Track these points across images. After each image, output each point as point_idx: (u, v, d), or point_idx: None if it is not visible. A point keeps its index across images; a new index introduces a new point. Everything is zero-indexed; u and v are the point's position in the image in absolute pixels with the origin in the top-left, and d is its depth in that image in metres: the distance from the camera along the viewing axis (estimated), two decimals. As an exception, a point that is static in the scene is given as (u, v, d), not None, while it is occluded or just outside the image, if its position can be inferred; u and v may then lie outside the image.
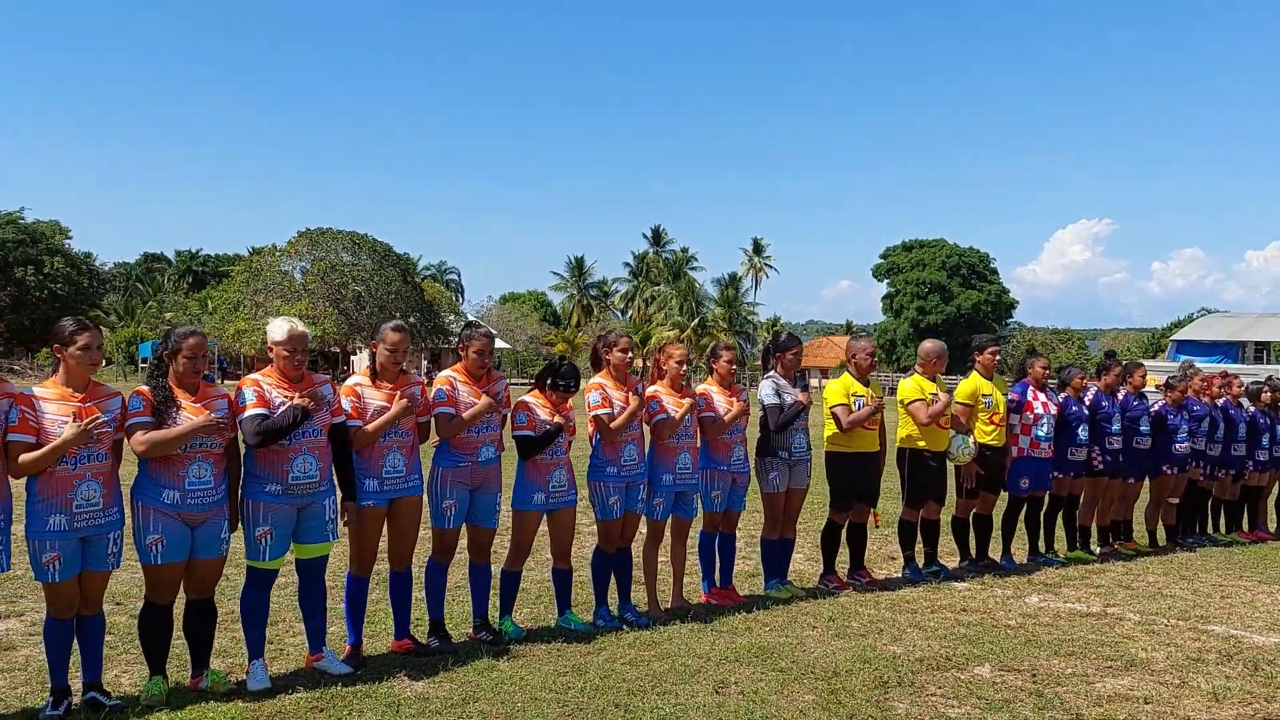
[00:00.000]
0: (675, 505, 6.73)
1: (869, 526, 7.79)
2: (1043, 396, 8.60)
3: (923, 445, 7.87)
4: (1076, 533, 9.14)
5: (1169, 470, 9.62)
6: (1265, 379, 10.90)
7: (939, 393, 7.84)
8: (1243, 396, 10.53)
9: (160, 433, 4.71)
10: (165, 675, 4.93)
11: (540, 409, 6.09)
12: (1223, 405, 10.17)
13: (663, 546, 6.83)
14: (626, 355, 6.43)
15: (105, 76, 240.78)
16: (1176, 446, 9.55)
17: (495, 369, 6.13)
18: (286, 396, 5.07)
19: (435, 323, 53.69)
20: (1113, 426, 9.04)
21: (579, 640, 5.96)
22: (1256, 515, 10.75)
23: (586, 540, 8.15)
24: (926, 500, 7.99)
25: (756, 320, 76.83)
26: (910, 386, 7.89)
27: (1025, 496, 8.62)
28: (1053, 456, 8.64)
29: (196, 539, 4.87)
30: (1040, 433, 8.49)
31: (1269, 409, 10.48)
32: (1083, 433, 8.81)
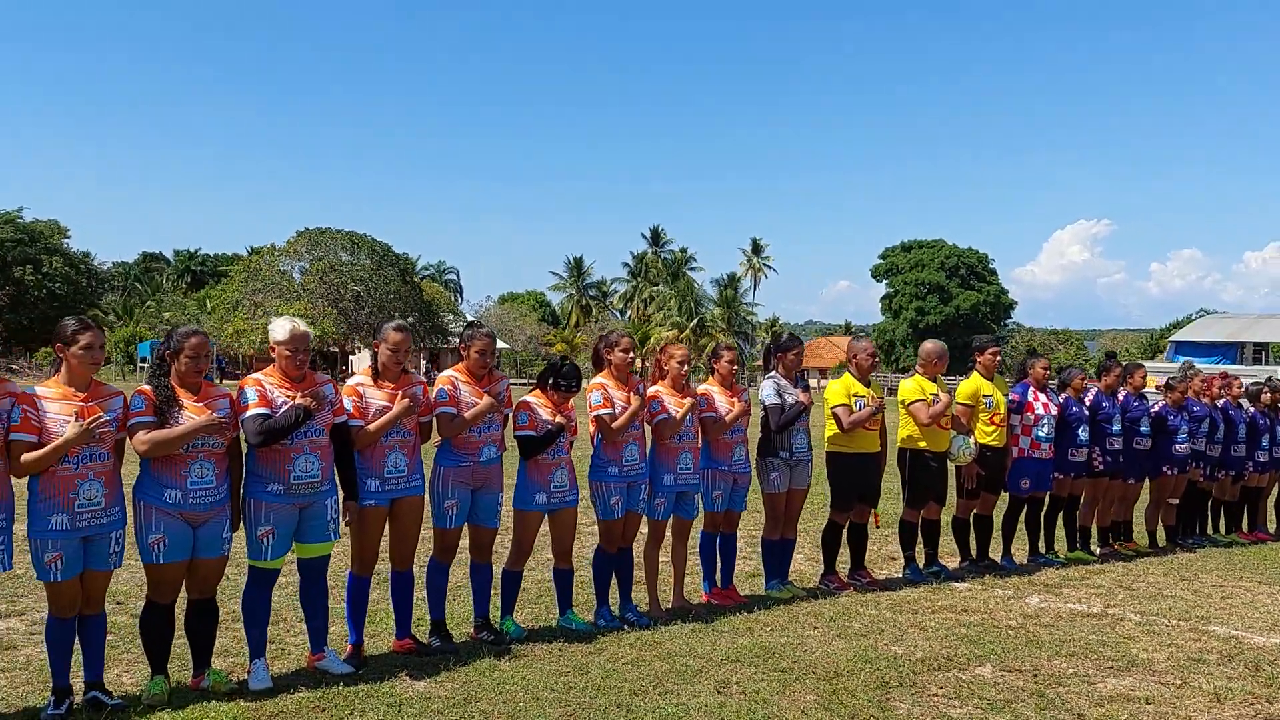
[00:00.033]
0: (676, 505, 6.73)
1: (869, 527, 7.80)
2: (1043, 397, 8.61)
3: (923, 446, 7.87)
4: (1076, 533, 9.15)
5: (1169, 471, 9.63)
6: (1265, 380, 10.92)
7: (940, 393, 7.84)
8: (1243, 397, 10.54)
9: (162, 432, 4.72)
10: (167, 675, 4.93)
11: (542, 409, 6.09)
12: (1223, 406, 10.18)
13: (664, 546, 6.83)
14: (628, 355, 6.44)
15: (105, 76, 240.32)
16: (1176, 447, 9.56)
17: (495, 369, 6.13)
18: (288, 396, 5.07)
19: (434, 322, 53.71)
20: (1113, 427, 9.05)
21: (580, 640, 5.96)
22: (1256, 516, 10.77)
23: (588, 540, 8.15)
24: (927, 501, 7.99)
25: (755, 321, 76.88)
26: (911, 387, 7.89)
27: (1026, 497, 8.62)
28: (1053, 457, 8.65)
29: (198, 538, 4.88)
30: (1041, 433, 8.50)
31: (1269, 410, 10.49)
32: (1083, 433, 8.82)
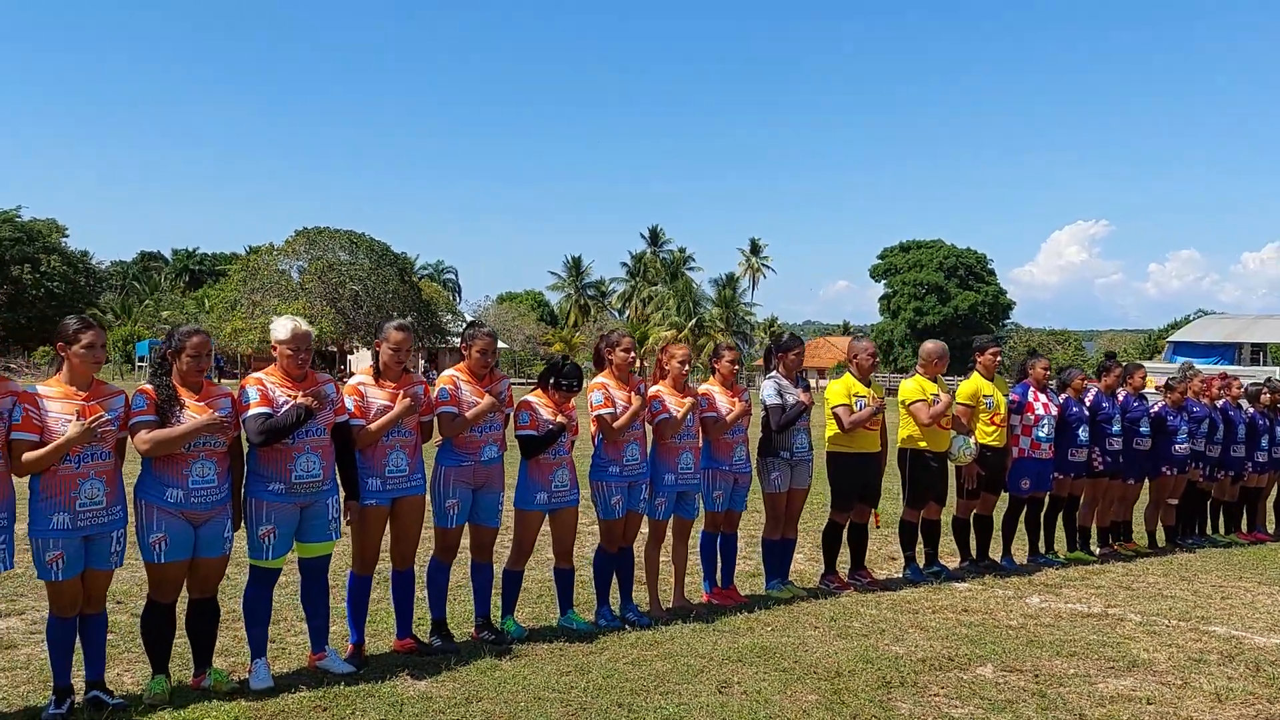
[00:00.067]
0: (677, 505, 6.73)
1: (870, 527, 7.80)
2: (1043, 397, 8.62)
3: (924, 446, 7.87)
4: (1076, 533, 9.15)
5: (1168, 471, 9.64)
6: (1265, 380, 10.93)
7: (940, 393, 7.85)
8: (1242, 398, 10.55)
9: (164, 431, 4.71)
10: (168, 674, 4.93)
11: (543, 409, 6.09)
12: (1222, 407, 10.20)
13: (664, 546, 6.83)
14: (629, 355, 6.44)
15: (104, 76, 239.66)
16: (1176, 448, 9.57)
17: (495, 368, 6.13)
18: (290, 395, 5.07)
19: (432, 322, 53.67)
20: (1113, 428, 9.06)
21: (581, 640, 5.96)
22: (1255, 516, 10.78)
23: (588, 540, 8.14)
24: (927, 501, 7.99)
25: (754, 320, 76.95)
26: (912, 387, 7.90)
27: (1026, 497, 8.63)
28: (1053, 457, 8.66)
29: (199, 538, 4.87)
30: (1041, 434, 8.50)
31: (1268, 410, 10.50)
32: (1083, 434, 8.83)
